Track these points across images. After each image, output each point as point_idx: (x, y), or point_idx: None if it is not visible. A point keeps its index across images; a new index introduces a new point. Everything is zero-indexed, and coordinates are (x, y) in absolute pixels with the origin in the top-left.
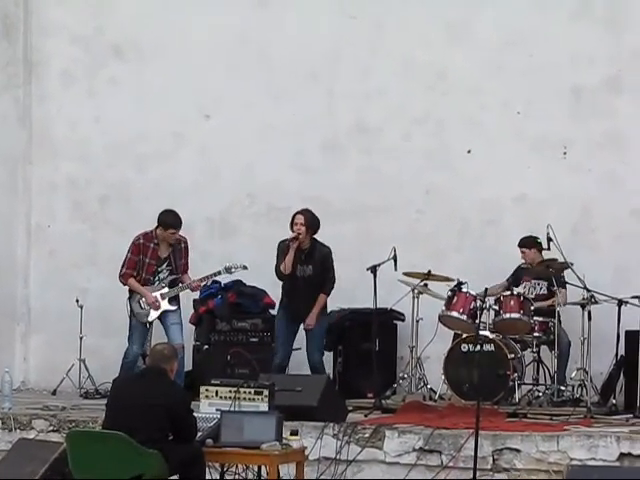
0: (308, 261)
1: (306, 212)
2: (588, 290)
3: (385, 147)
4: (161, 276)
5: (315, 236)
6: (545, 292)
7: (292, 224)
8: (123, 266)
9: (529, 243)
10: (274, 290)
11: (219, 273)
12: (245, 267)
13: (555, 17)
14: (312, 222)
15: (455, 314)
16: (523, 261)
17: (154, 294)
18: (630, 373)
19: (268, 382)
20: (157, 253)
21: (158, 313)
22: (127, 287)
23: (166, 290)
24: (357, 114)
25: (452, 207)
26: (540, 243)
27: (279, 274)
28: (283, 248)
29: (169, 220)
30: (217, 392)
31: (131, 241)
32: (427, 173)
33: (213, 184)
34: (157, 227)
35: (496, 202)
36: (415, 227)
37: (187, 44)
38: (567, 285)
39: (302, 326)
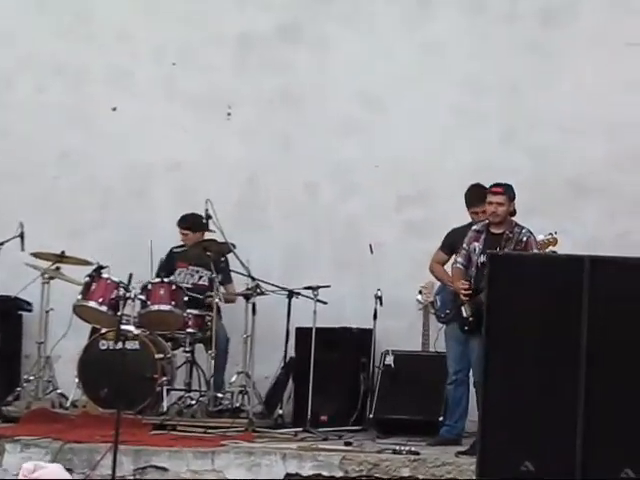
0: None
1: None
2: (253, 278)
3: (14, 101)
4: None
5: None
6: (206, 282)
7: None
8: None
9: (196, 225)
10: None
11: None
12: None
13: None
14: None
15: (93, 304)
16: (179, 243)
17: None
18: (300, 378)
19: None
20: None
21: None
22: None
23: None
24: None
25: (93, 174)
26: (206, 224)
27: None
28: None
29: None
30: None
31: None
32: (63, 133)
33: None
34: None
35: (146, 169)
36: (48, 198)
37: None
38: (232, 273)
39: None
